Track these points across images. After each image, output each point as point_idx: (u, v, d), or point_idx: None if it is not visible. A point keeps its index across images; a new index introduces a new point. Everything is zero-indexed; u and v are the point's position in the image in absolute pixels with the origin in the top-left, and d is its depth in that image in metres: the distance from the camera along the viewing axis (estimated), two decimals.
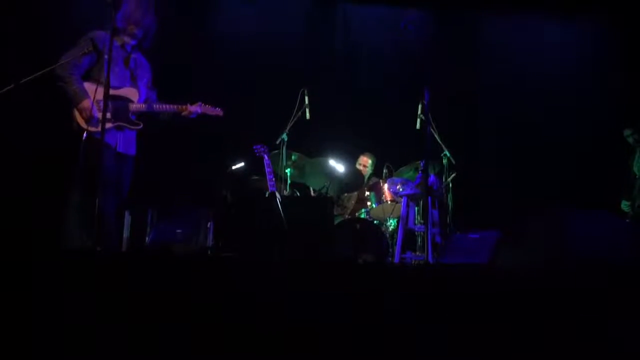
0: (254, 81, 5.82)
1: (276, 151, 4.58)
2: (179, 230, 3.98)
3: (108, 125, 3.50)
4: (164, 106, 3.77)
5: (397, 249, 4.52)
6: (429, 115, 3.81)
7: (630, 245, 2.84)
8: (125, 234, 4.28)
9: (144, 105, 3.71)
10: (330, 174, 4.78)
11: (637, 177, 4.92)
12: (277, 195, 3.99)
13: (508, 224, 3.70)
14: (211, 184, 4.61)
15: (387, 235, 4.72)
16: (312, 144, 5.25)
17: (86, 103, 3.44)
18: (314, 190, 5.13)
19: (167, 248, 3.76)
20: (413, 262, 4.61)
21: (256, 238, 3.70)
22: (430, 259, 3.91)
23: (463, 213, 4.76)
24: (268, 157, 4.52)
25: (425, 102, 3.78)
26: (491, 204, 5.41)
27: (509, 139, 5.96)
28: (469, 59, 6.33)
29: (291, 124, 4.59)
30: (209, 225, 4.05)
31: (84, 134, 3.46)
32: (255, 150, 4.56)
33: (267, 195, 4.12)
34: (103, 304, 1.96)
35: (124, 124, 3.62)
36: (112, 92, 3.20)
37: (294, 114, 4.61)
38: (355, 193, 5.40)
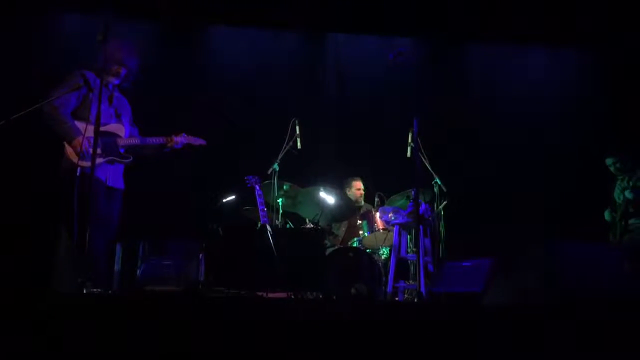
0: (245, 112, 5.85)
1: (268, 181, 4.58)
2: (169, 264, 3.95)
3: (100, 160, 3.55)
4: (152, 139, 3.86)
5: (390, 278, 4.51)
6: (419, 143, 3.83)
7: (622, 276, 2.85)
8: (117, 267, 4.25)
9: (136, 139, 3.81)
10: (322, 203, 4.79)
11: (618, 204, 4.96)
12: (269, 227, 3.98)
13: (500, 251, 3.69)
14: (202, 217, 4.60)
15: (380, 264, 4.70)
16: (303, 174, 5.26)
17: (78, 140, 3.49)
18: (307, 219, 5.12)
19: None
20: (406, 291, 4.59)
21: (247, 272, 3.67)
22: (422, 288, 3.89)
23: (455, 241, 4.75)
24: (259, 187, 4.52)
25: (414, 131, 3.80)
26: (483, 232, 5.40)
27: (499, 165, 5.99)
28: (458, 86, 6.42)
29: (282, 154, 4.60)
30: (200, 259, 4.03)
31: (78, 170, 3.47)
32: (247, 181, 4.56)
33: (258, 228, 4.11)
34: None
35: (115, 158, 3.70)
36: (100, 128, 3.22)
37: (285, 144, 4.62)
38: (346, 221, 5.40)
